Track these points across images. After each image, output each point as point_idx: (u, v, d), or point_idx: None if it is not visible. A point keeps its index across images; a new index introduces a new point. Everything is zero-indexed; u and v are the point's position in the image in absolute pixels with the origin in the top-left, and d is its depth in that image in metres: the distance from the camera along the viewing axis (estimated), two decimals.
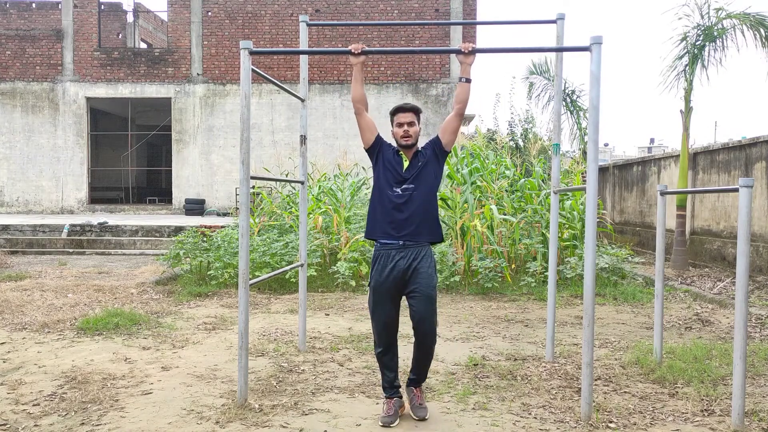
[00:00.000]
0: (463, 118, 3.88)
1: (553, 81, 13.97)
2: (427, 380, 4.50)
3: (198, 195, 19.68)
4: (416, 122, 3.86)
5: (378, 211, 3.82)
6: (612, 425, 3.70)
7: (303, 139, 5.35)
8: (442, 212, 9.63)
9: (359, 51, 3.88)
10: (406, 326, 4.23)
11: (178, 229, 13.44)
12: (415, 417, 3.77)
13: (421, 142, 4.01)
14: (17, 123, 19.67)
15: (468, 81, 3.83)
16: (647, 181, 13.93)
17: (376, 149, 3.90)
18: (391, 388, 3.83)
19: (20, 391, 4.26)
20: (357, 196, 10.47)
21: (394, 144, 3.96)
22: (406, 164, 3.85)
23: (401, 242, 3.74)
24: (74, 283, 8.59)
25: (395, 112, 3.87)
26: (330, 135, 19.36)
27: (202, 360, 5.06)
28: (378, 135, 3.94)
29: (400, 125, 3.83)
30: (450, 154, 10.08)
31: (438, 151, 3.87)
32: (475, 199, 9.27)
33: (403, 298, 3.85)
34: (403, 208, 3.74)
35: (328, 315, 6.90)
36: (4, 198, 19.76)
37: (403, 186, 3.77)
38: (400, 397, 3.85)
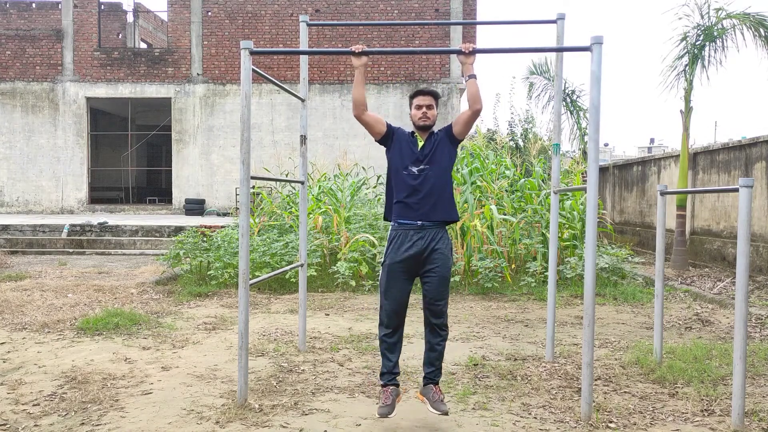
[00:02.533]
0: (477, 113, 3.83)
1: (553, 81, 13.98)
2: None
3: (198, 195, 19.68)
4: (435, 106, 3.88)
5: (394, 191, 3.83)
6: (612, 425, 3.70)
7: (303, 139, 5.36)
8: None
9: (360, 51, 3.88)
10: (408, 327, 4.23)
11: (178, 229, 13.44)
12: (437, 412, 3.66)
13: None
14: (17, 123, 19.67)
15: (473, 77, 3.83)
16: (647, 181, 13.93)
17: (391, 135, 3.90)
18: (389, 374, 3.77)
19: (20, 391, 4.26)
20: (357, 196, 10.47)
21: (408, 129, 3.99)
22: (421, 144, 3.86)
23: (419, 222, 3.73)
24: (74, 283, 8.59)
25: (415, 95, 3.90)
26: (330, 135, 19.36)
27: (202, 360, 5.06)
28: (388, 123, 3.96)
29: (419, 107, 3.85)
30: None
31: (450, 136, 3.88)
32: (475, 199, 9.27)
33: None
34: (420, 188, 3.74)
35: (328, 315, 6.90)
36: (4, 198, 19.76)
37: (419, 166, 3.77)
38: (397, 386, 3.79)
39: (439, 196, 3.76)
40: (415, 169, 3.77)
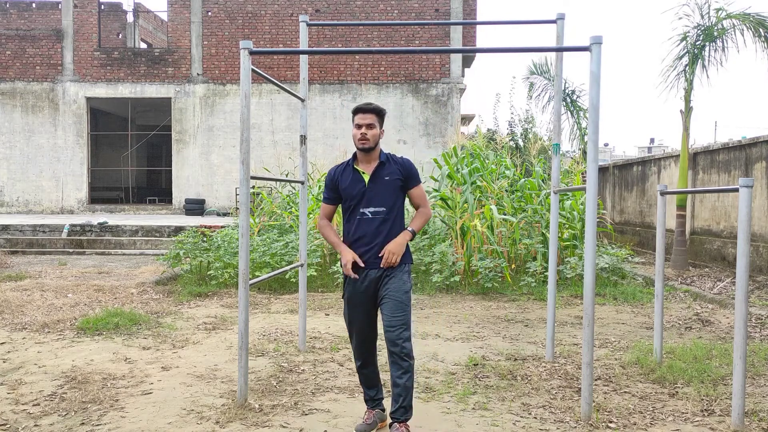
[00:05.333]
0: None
1: (553, 81, 13.98)
2: (426, 380, 4.51)
3: (198, 195, 19.69)
4: (377, 125, 3.56)
5: (348, 233, 3.63)
6: (612, 425, 3.70)
7: (303, 139, 5.36)
8: (441, 212, 9.63)
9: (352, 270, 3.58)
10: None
11: (178, 229, 13.44)
12: None
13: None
14: (17, 123, 19.67)
15: (412, 232, 3.60)
16: (647, 181, 13.93)
17: (337, 188, 3.66)
18: (371, 400, 3.70)
19: (20, 391, 4.26)
20: None
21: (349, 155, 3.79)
22: (366, 177, 3.58)
23: (370, 268, 3.55)
24: (74, 283, 8.59)
25: (355, 112, 3.60)
26: (330, 135, 19.36)
27: (202, 360, 5.06)
28: (329, 176, 3.70)
29: (358, 127, 3.56)
30: (450, 155, 10.17)
31: (404, 186, 3.62)
32: (475, 199, 9.27)
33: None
34: (375, 234, 3.53)
35: (328, 315, 6.90)
36: (4, 198, 19.76)
37: (370, 208, 3.55)
38: (383, 410, 3.71)
39: (386, 241, 3.53)
40: (368, 212, 3.55)
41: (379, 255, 3.53)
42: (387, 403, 3.81)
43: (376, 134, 3.58)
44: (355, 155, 3.69)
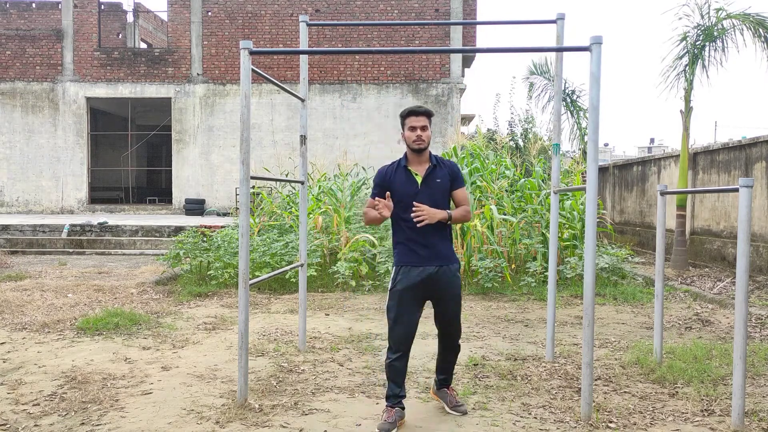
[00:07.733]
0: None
1: (553, 81, 13.97)
2: (426, 380, 4.53)
3: (198, 195, 19.69)
4: (429, 126, 3.80)
5: (400, 237, 3.79)
6: (612, 425, 3.70)
7: (303, 139, 5.36)
8: None
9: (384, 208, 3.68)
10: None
11: (178, 229, 13.44)
12: (458, 413, 3.85)
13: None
14: (17, 123, 19.67)
15: (450, 217, 3.75)
16: (647, 181, 13.93)
17: (387, 185, 3.82)
18: (395, 397, 3.71)
19: (20, 391, 4.26)
20: (357, 195, 10.47)
21: (401, 153, 3.91)
22: (419, 179, 3.77)
23: (421, 267, 3.72)
24: (74, 283, 8.59)
25: (407, 114, 3.80)
26: (330, 135, 19.36)
27: (202, 360, 5.06)
28: (380, 175, 3.86)
29: (413, 129, 3.76)
30: (450, 155, 10.17)
31: (450, 184, 3.84)
32: (475, 199, 9.27)
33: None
34: (431, 234, 3.71)
35: (328, 315, 6.90)
36: (4, 198, 19.76)
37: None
38: (403, 408, 3.72)
39: (442, 242, 3.75)
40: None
41: (414, 214, 3.63)
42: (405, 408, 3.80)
43: (429, 136, 3.81)
44: (405, 155, 3.87)
